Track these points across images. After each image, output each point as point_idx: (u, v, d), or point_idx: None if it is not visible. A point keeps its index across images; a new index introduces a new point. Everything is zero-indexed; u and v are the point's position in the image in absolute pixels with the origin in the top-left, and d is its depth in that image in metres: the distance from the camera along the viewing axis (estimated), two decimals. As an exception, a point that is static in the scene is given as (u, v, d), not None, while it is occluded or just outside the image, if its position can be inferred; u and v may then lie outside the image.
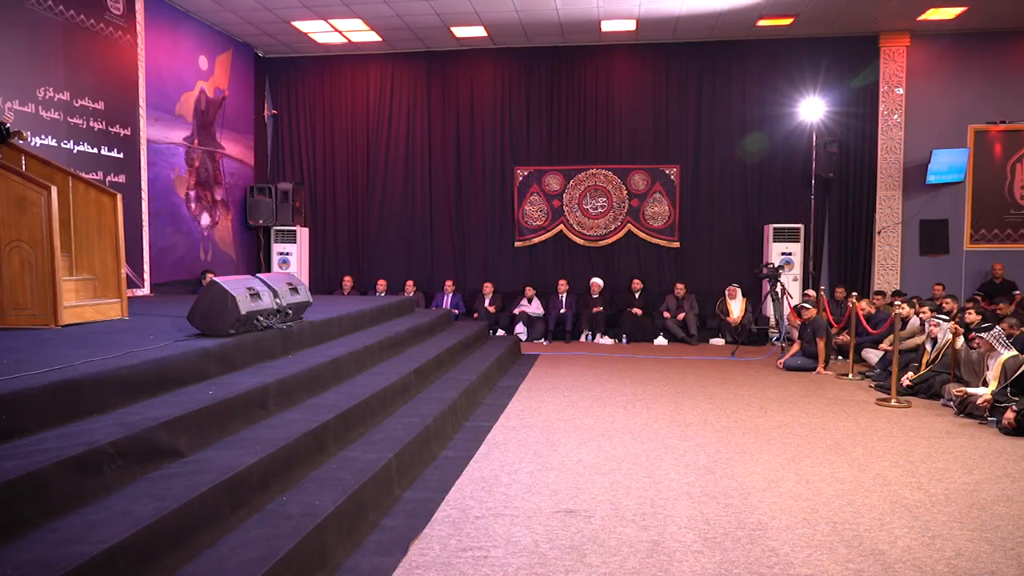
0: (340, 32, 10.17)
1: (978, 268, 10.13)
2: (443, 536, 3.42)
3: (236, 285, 4.56)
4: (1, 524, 2.28)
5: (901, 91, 10.09)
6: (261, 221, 10.79)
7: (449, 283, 10.90)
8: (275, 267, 11.09)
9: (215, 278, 4.48)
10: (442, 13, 9.41)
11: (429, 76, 11.15)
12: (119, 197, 5.46)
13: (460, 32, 10.22)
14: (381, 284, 10.99)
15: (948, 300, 8.15)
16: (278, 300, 4.97)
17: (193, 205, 9.54)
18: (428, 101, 11.17)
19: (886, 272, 10.28)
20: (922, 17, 9.43)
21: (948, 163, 9.86)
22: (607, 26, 9.97)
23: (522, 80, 10.98)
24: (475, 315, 10.60)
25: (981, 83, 9.99)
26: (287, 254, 11.11)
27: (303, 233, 11.22)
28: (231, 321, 4.44)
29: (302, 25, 9.84)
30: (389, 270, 11.25)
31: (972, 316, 6.55)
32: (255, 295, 4.68)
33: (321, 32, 10.17)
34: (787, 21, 9.65)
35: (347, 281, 11.00)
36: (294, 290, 5.30)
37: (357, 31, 10.16)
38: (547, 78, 10.94)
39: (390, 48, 10.97)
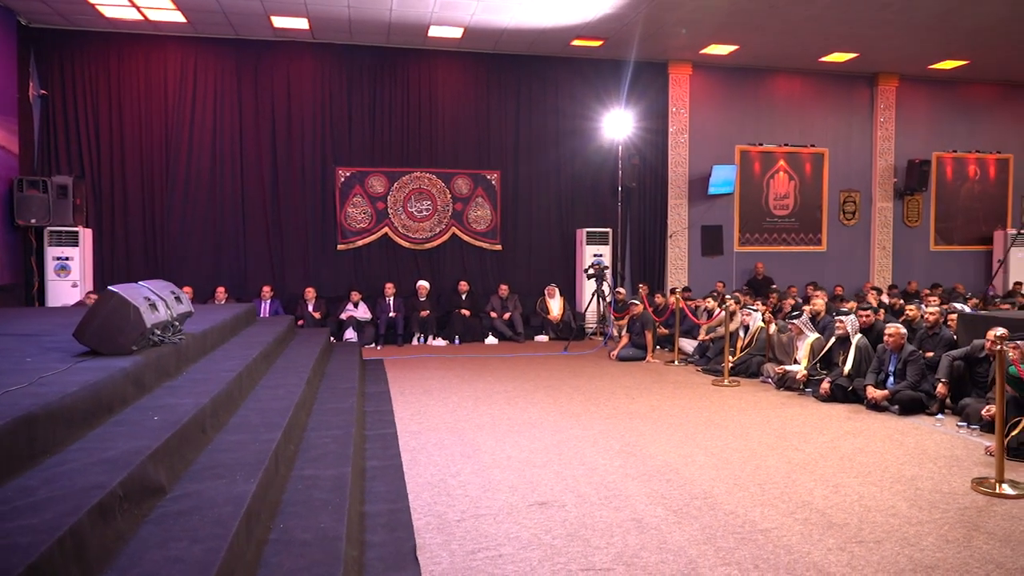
0: (136, 7, 8.99)
1: (745, 267, 12.04)
2: (440, 543, 3.37)
3: (133, 294, 3.96)
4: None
5: (685, 113, 11.62)
6: (33, 220, 9.12)
7: (267, 289, 10.18)
8: (50, 274, 9.45)
9: (112, 287, 3.85)
10: None
11: (239, 66, 10.31)
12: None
13: (280, 22, 9.62)
14: (186, 291, 9.88)
15: (739, 295, 9.61)
16: (169, 311, 4.39)
17: (-51, 200, 7.80)
18: (238, 93, 10.33)
19: (677, 271, 11.75)
20: (703, 51, 10.98)
21: (723, 177, 11.59)
22: (435, 31, 10.08)
23: (343, 78, 10.64)
24: (300, 322, 10.04)
25: (745, 110, 11.89)
26: (67, 259, 9.53)
27: (86, 234, 9.70)
28: (134, 336, 3.85)
29: (92, -5, 8.55)
30: (194, 276, 10.19)
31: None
32: (152, 306, 4.10)
33: (112, 4, 8.89)
34: (597, 43, 10.59)
35: (144, 289, 9.71)
36: (178, 299, 4.71)
37: (157, 8, 9.06)
38: (370, 78, 10.74)
39: (194, 31, 9.94)
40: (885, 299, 10.06)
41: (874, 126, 12.30)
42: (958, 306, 7.47)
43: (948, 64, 11.67)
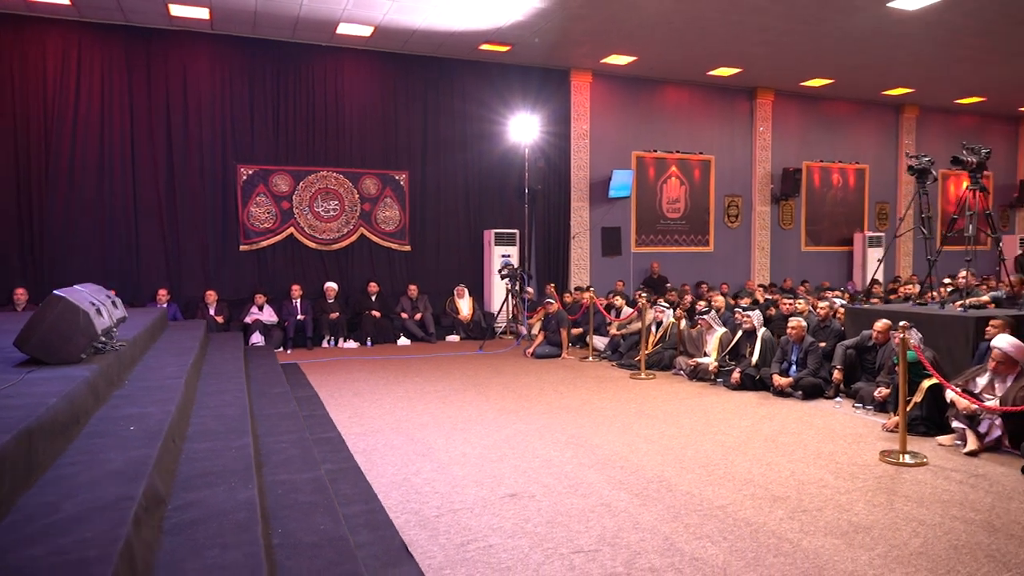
0: (13, -14, 8.25)
1: (641, 266, 12.70)
2: (427, 539, 3.44)
3: (79, 299, 3.72)
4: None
5: (586, 119, 12.11)
6: None
7: (163, 292, 9.62)
8: (-93, 279, 8.46)
9: (58, 291, 3.60)
10: (167, -13, 8.34)
11: (129, 55, 9.65)
12: None
13: (177, 10, 9.12)
14: (71, 296, 9.15)
15: (644, 290, 10.15)
16: (111, 316, 4.15)
17: None
18: (129, 84, 9.67)
19: (580, 271, 12.22)
20: (604, 60, 11.50)
21: (621, 181, 12.18)
22: (343, 29, 9.91)
23: (245, 73, 10.23)
24: (201, 327, 9.56)
25: (641, 118, 12.56)
26: (-72, 261, 8.56)
27: (-50, 234, 8.76)
28: (83, 343, 3.63)
29: (-38, -30, 7.75)
30: (80, 278, 9.19)
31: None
32: (98, 311, 3.87)
33: (-16, -18, 8.12)
34: (505, 48, 10.82)
35: (21, 294, 8.90)
36: (114, 304, 4.45)
37: (38, -11, 8.37)
38: (273, 74, 10.39)
39: (78, 15, 9.21)
40: (770, 296, 10.99)
41: (754, 136, 13.36)
42: (838, 302, 8.36)
43: (816, 82, 12.90)
